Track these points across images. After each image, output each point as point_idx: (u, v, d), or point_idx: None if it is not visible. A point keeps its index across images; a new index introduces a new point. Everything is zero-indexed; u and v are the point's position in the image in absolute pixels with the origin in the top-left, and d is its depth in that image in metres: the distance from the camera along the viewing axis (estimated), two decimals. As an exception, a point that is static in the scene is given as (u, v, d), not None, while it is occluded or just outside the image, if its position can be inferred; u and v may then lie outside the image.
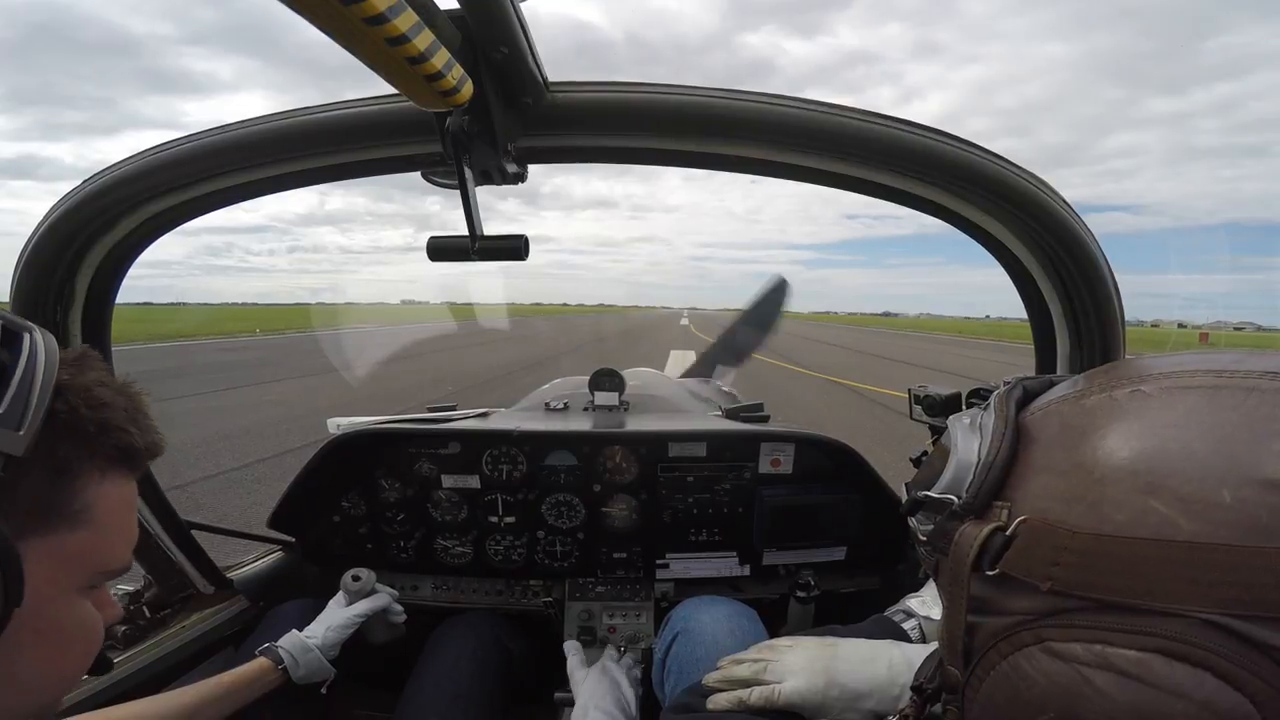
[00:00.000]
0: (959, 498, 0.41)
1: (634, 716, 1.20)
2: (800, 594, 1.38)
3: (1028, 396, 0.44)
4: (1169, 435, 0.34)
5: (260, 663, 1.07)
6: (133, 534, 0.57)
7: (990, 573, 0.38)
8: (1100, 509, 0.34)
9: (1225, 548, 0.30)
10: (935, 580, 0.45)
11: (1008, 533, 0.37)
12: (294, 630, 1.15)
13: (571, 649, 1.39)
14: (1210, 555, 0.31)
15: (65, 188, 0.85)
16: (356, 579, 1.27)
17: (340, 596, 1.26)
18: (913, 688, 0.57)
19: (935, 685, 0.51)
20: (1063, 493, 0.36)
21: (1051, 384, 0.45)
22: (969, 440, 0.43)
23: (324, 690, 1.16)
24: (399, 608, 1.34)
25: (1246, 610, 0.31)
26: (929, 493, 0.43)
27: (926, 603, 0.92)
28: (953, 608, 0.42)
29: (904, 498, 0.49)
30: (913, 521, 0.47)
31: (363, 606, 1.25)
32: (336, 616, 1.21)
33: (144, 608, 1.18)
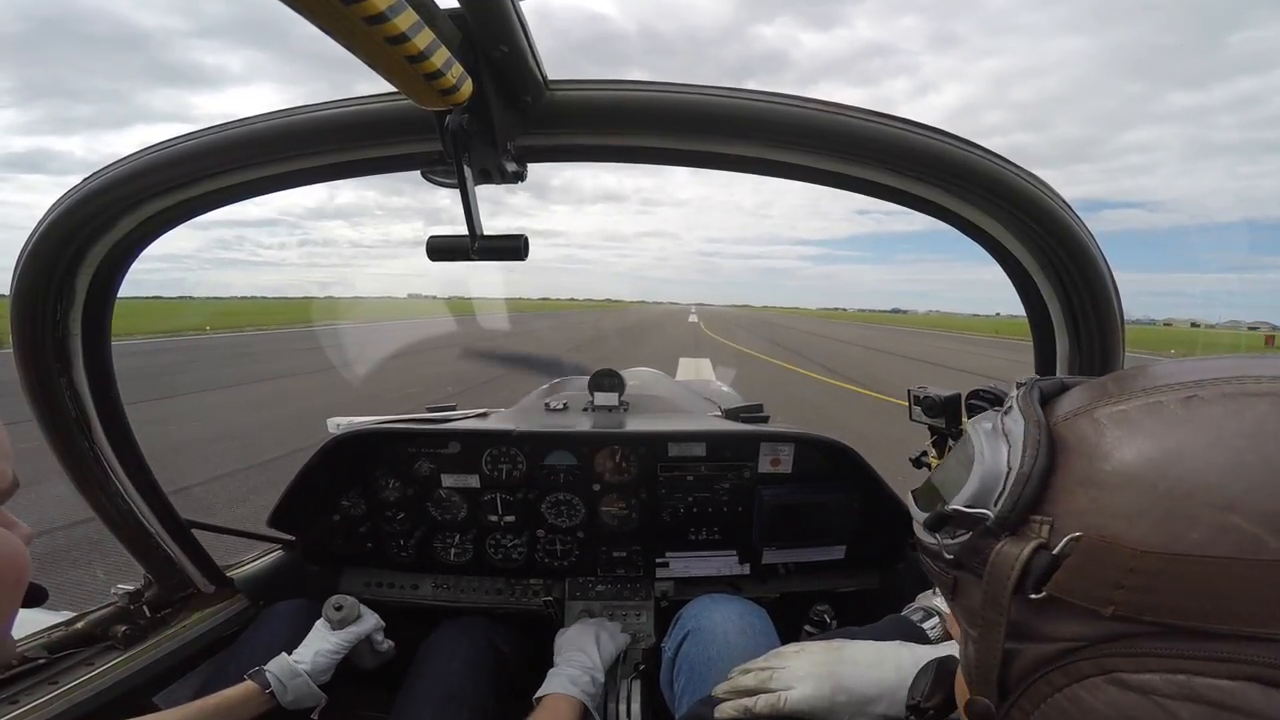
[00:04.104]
0: (989, 511, 0.38)
1: (597, 663, 1.23)
2: (810, 629, 1.33)
3: (1043, 399, 0.41)
4: (1243, 446, 0.31)
5: (247, 686, 1.06)
6: (3, 446, 0.52)
7: (1035, 596, 0.35)
8: (1170, 525, 0.31)
9: None
10: (953, 600, 0.42)
11: (1054, 551, 0.34)
12: (283, 654, 1.14)
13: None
14: None
15: (76, 181, 0.84)
16: (339, 608, 1.24)
17: (323, 623, 1.24)
18: (909, 706, 0.54)
19: (934, 705, 0.49)
20: (1119, 508, 0.33)
21: (1065, 386, 0.42)
22: (995, 447, 0.39)
23: (314, 717, 1.15)
24: (380, 637, 1.31)
25: None
26: (959, 507, 0.39)
27: None
28: (987, 633, 0.38)
29: (912, 507, 0.45)
30: (930, 537, 0.42)
31: (350, 634, 1.23)
32: (324, 642, 1.20)
33: (144, 607, 1.18)
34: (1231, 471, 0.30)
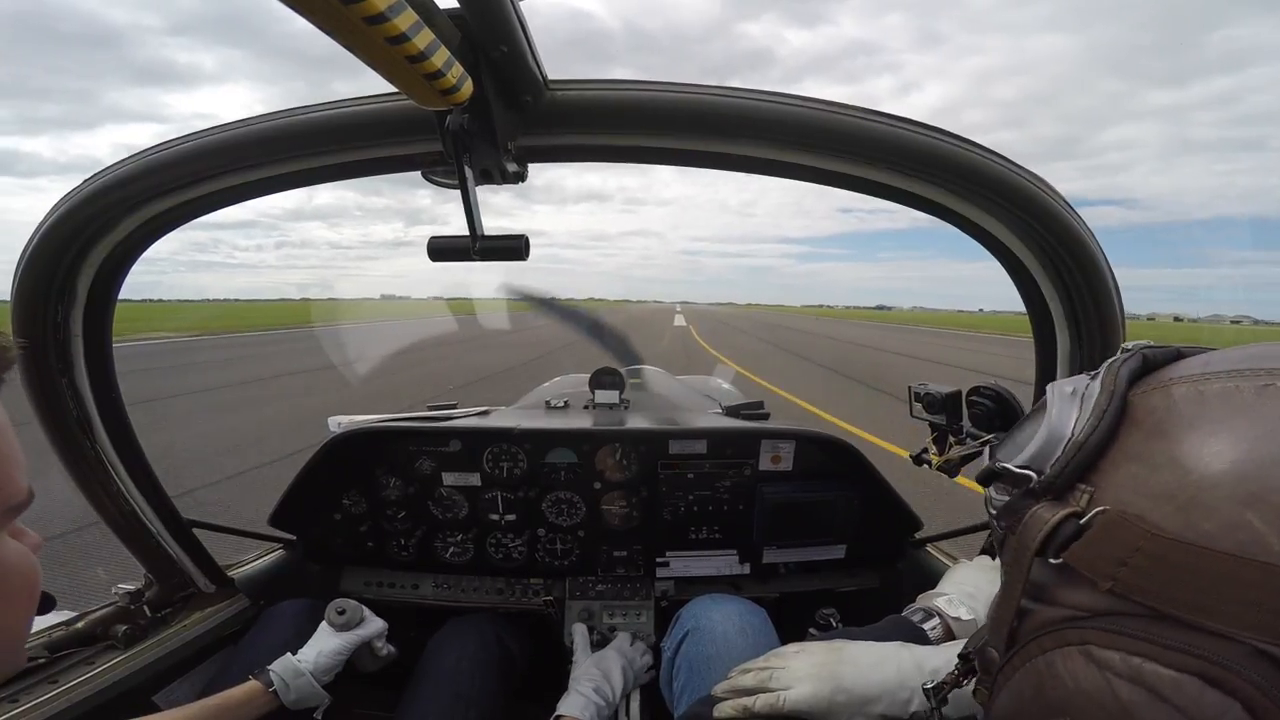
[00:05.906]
0: (1040, 474, 0.38)
1: (612, 701, 1.22)
2: (814, 632, 1.30)
3: (1147, 368, 0.39)
4: None
5: (251, 685, 1.06)
6: (17, 457, 0.52)
7: (1054, 561, 0.35)
8: (1189, 513, 0.30)
9: None
10: (999, 554, 0.42)
11: (1082, 521, 0.34)
12: (287, 654, 1.14)
13: (577, 631, 1.44)
14: None
15: (44, 183, 0.85)
16: (341, 612, 1.23)
17: (327, 624, 1.23)
18: (960, 655, 0.55)
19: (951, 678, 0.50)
20: (1153, 488, 0.32)
21: (1180, 355, 0.39)
22: (1066, 410, 0.39)
23: (318, 717, 1.15)
24: (382, 642, 1.31)
25: None
26: (1008, 465, 0.40)
27: (954, 601, 0.89)
28: (1008, 589, 0.39)
29: (986, 455, 0.46)
30: (988, 490, 0.43)
31: (354, 636, 1.23)
32: (327, 644, 1.19)
33: (145, 607, 1.18)
34: (1267, 466, 0.29)
